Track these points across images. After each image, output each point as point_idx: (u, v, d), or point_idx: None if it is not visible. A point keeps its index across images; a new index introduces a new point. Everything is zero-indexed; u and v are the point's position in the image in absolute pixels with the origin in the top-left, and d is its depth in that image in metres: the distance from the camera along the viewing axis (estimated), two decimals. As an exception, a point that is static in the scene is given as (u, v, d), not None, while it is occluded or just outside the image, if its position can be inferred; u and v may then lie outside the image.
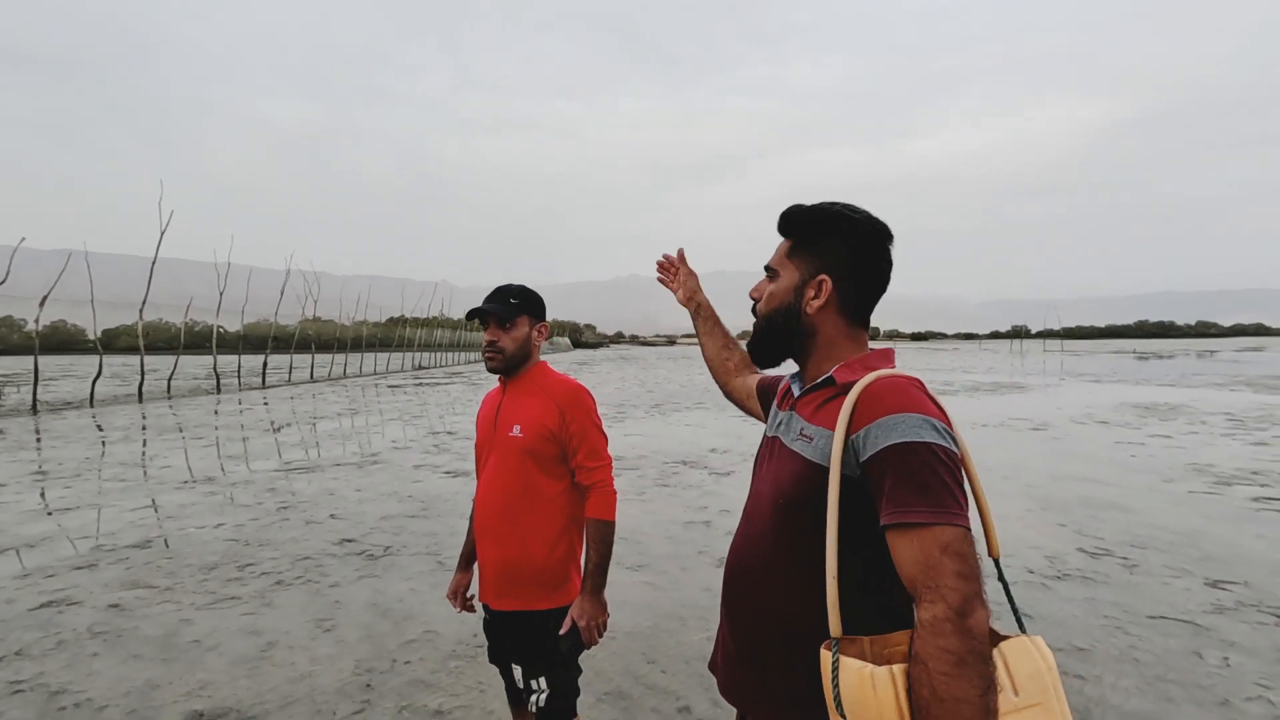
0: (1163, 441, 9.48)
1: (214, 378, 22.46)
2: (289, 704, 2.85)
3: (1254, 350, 53.73)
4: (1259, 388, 18.36)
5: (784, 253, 1.20)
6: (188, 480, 7.55)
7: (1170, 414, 12.65)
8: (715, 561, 4.63)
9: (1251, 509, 5.83)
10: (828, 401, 1.10)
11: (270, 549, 4.99)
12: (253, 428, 12.30)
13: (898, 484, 0.95)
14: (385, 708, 2.83)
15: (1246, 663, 3.13)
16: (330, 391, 21.70)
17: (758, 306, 1.23)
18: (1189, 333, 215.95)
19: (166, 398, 19.06)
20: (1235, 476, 7.13)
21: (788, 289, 1.18)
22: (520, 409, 1.86)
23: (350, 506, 6.27)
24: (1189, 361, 35.58)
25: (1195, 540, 4.98)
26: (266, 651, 3.34)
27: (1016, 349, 64.54)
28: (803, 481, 1.07)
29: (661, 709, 2.82)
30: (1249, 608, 3.75)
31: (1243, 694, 2.86)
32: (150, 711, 2.80)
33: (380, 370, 35.77)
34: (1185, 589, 4.03)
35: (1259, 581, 4.14)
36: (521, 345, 1.89)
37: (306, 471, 8.02)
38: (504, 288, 1.94)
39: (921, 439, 0.96)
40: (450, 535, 5.33)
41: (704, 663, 3.20)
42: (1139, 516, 5.62)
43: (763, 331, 1.22)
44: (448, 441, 10.36)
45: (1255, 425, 10.99)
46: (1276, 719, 2.67)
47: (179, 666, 3.18)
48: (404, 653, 3.34)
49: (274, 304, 28.27)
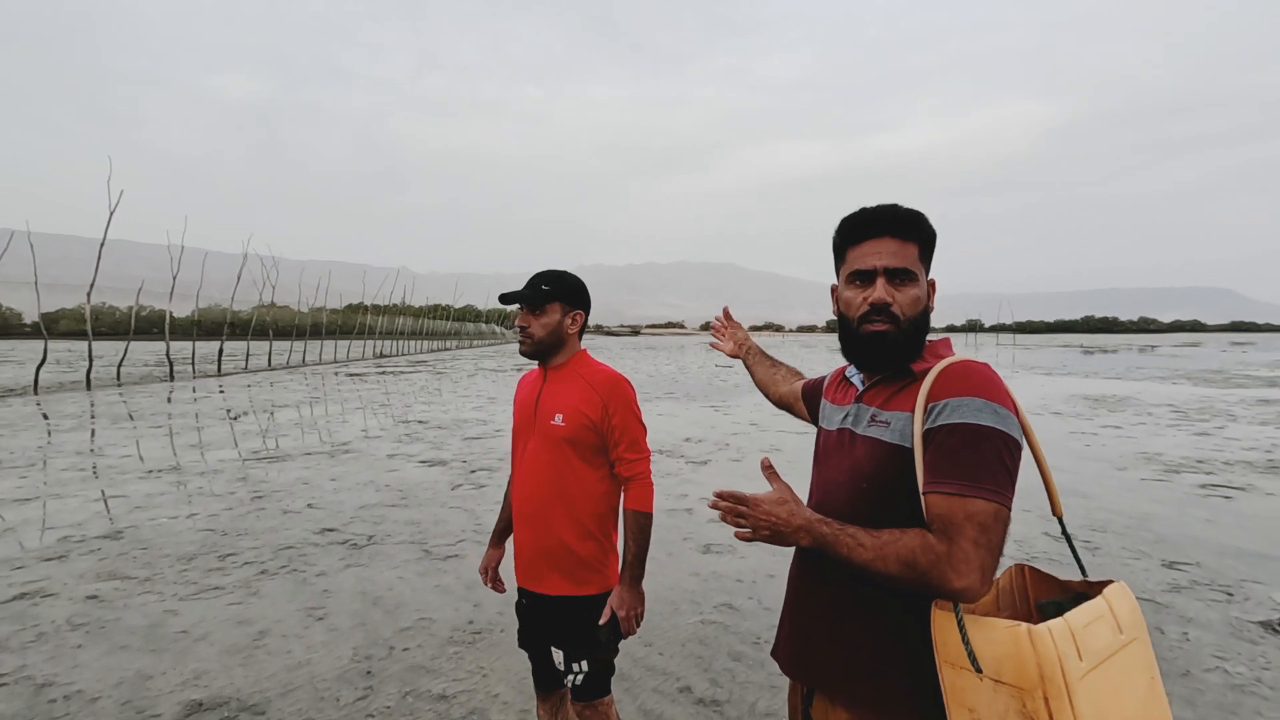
0: (1114, 431, 9.94)
1: (166, 364, 21.68)
2: (290, 691, 2.84)
3: (1191, 345, 56.50)
4: (1198, 381, 19.34)
5: (916, 255, 1.20)
6: (152, 470, 7.32)
7: (1119, 406, 13.25)
8: (700, 548, 4.72)
9: (1198, 495, 6.19)
10: (903, 389, 1.18)
11: (250, 539, 4.90)
12: (211, 416, 11.96)
13: (941, 458, 1.04)
14: (389, 693, 2.84)
15: (1204, 637, 3.36)
16: (289, 379, 21.17)
17: (898, 309, 1.18)
18: (1131, 328, 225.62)
19: (116, 385, 18.34)
20: (1182, 464, 7.54)
21: (925, 293, 1.21)
22: (562, 397, 1.87)
23: (327, 496, 6.18)
24: (1132, 356, 37.23)
25: (1149, 524, 5.27)
26: (259, 640, 3.31)
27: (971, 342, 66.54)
28: (881, 462, 1.14)
29: (663, 689, 2.89)
30: (1203, 586, 4.01)
31: (1202, 665, 3.08)
32: (145, 702, 2.75)
33: (341, 358, 35.01)
34: (1145, 569, 4.28)
35: (1210, 562, 4.42)
36: (552, 331, 1.88)
37: (277, 461, 7.85)
38: (540, 274, 1.93)
39: (979, 422, 1.04)
40: (433, 524, 5.31)
41: (700, 645, 3.28)
42: (1096, 502, 5.92)
43: (905, 338, 1.18)
44: (420, 431, 10.25)
45: (1197, 416, 11.60)
46: (1233, 687, 2.88)
47: (169, 657, 3.13)
48: (401, 640, 3.34)
49: (229, 289, 27.38)
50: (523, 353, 1.91)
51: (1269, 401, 13.88)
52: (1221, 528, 5.18)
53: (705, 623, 3.54)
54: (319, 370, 26.03)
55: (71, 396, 15.39)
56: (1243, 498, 6.09)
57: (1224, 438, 9.39)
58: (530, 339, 1.89)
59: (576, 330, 1.94)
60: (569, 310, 1.92)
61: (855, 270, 1.20)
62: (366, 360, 34.86)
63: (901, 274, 1.18)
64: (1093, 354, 40.54)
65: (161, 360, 26.24)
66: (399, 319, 48.96)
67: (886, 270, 1.17)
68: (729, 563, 4.45)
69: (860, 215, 1.21)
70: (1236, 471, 7.18)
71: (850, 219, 1.23)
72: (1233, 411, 12.29)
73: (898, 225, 1.18)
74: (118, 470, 7.30)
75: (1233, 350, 45.11)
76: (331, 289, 37.65)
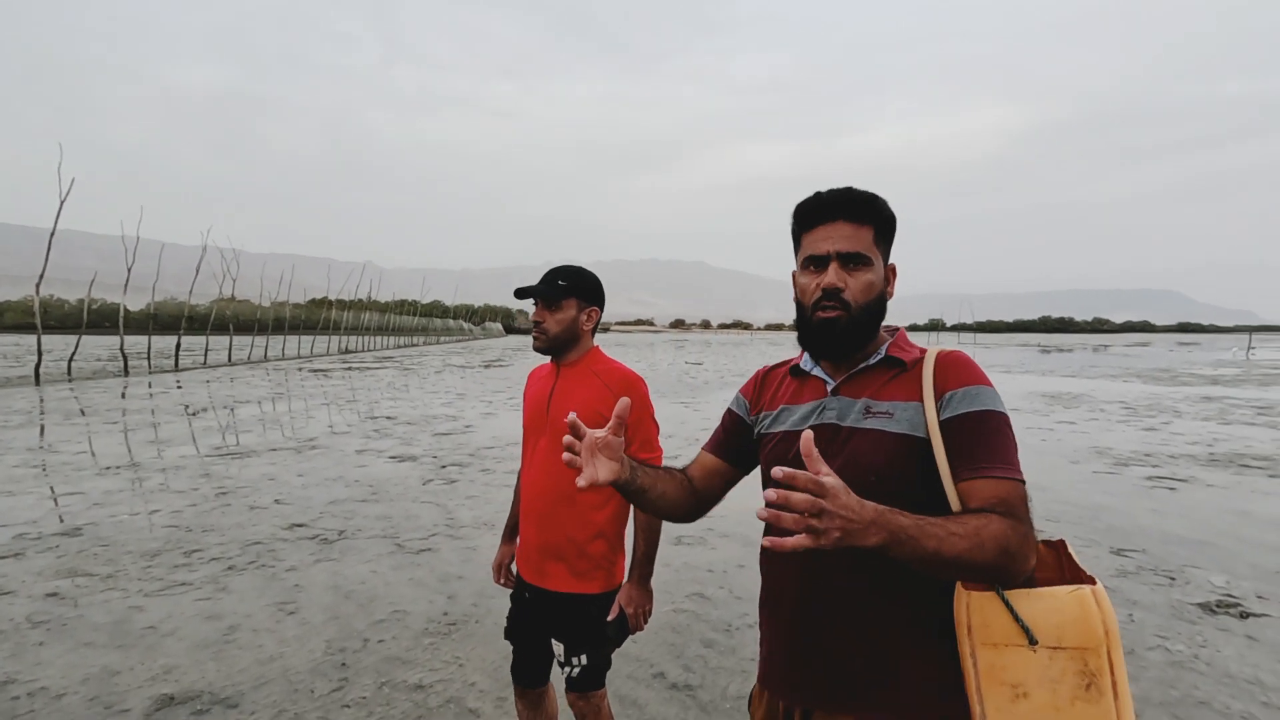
0: (1069, 427, 10.32)
1: (121, 359, 20.99)
2: (263, 684, 2.83)
3: (1141, 345, 58.68)
4: (1147, 379, 20.13)
5: (871, 239, 1.16)
6: (109, 466, 7.13)
7: (1073, 402, 13.73)
8: (671, 539, 4.79)
9: (1145, 486, 6.49)
10: (895, 378, 1.16)
11: (216, 534, 4.82)
12: (169, 412, 11.64)
13: (976, 444, 1.06)
14: (364, 684, 2.84)
15: (1147, 618, 3.55)
16: (251, 375, 20.68)
17: (849, 295, 1.15)
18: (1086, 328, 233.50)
19: (67, 380, 17.70)
20: (1131, 458, 7.87)
21: (881, 278, 1.18)
22: (576, 395, 1.86)
23: (295, 491, 6.10)
24: (1087, 355, 38.52)
25: (1100, 514, 5.51)
26: (230, 635, 3.28)
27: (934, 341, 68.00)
28: (891, 454, 1.10)
29: (637, 675, 2.96)
30: (1148, 571, 4.22)
31: (1145, 645, 3.26)
32: (114, 697, 2.72)
33: (305, 353, 34.28)
34: (1095, 557, 4.48)
35: (1154, 549, 4.65)
36: (567, 328, 1.87)
37: (241, 457, 7.70)
38: (556, 269, 1.92)
39: (998, 409, 1.09)
40: (405, 519, 5.29)
41: (672, 632, 3.35)
42: (1052, 494, 6.16)
43: (855, 324, 1.15)
44: (389, 426, 10.14)
45: (1145, 413, 12.10)
46: (1173, 664, 3.06)
47: (137, 652, 3.09)
48: (375, 632, 3.34)
49: (187, 282, 26.61)
50: (536, 348, 1.91)
51: (1211, 399, 14.53)
52: (1166, 517, 5.44)
53: (677, 611, 3.62)
54: (282, 366, 25.47)
55: (20, 392, 14.82)
56: (1186, 489, 6.40)
57: (1170, 433, 9.82)
58: (545, 335, 1.88)
59: (591, 327, 1.93)
60: (585, 307, 1.91)
61: (809, 255, 1.17)
62: (331, 356, 34.21)
63: (855, 258, 1.15)
64: (1050, 353, 41.83)
65: (115, 355, 25.37)
66: (365, 314, 48.11)
67: (839, 255, 1.14)
68: (699, 554, 4.53)
69: (814, 199, 1.18)
70: (1181, 464, 7.53)
71: (805, 203, 1.19)
72: (1178, 408, 12.84)
73: (852, 208, 1.15)
74: (72, 467, 7.09)
75: (1179, 350, 47.00)
76: (295, 283, 36.74)
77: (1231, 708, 2.72)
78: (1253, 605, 3.71)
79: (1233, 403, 13.76)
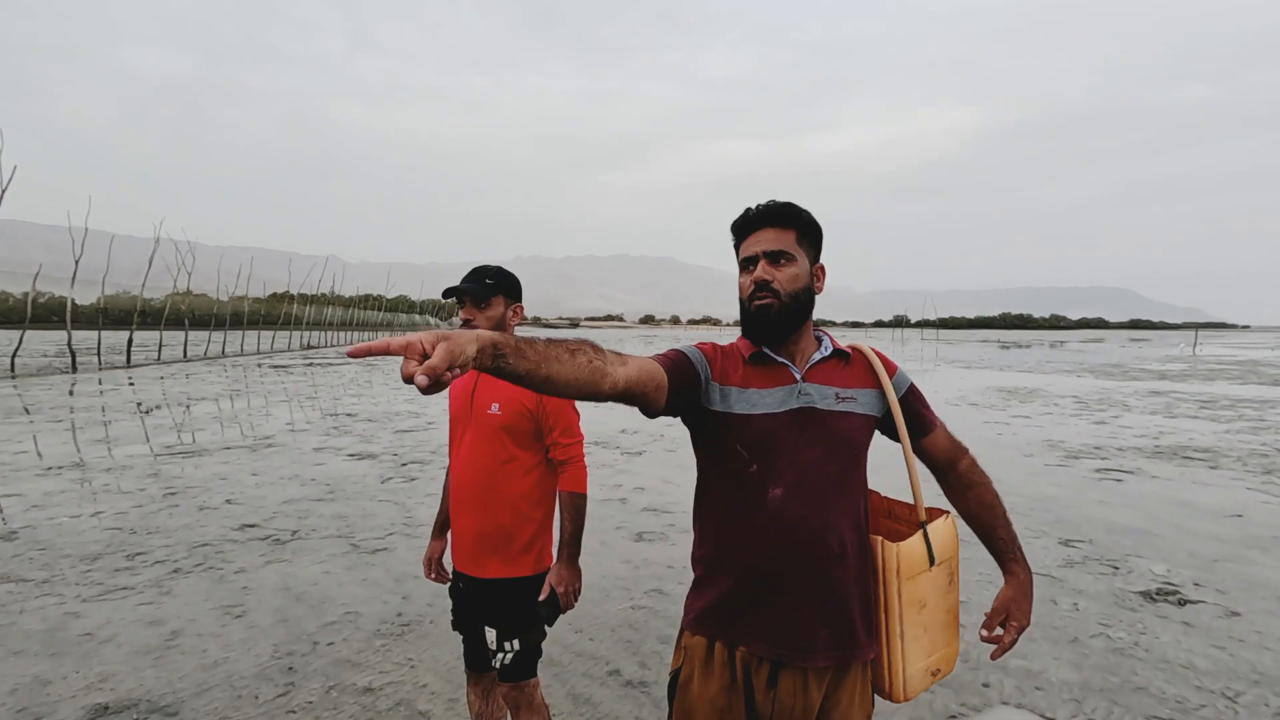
0: (1023, 421, 10.60)
1: (68, 355, 20.19)
2: (204, 691, 2.74)
3: (1095, 341, 60.63)
4: (1099, 374, 20.80)
5: (794, 240, 1.36)
6: (52, 467, 6.85)
7: (1029, 397, 14.11)
8: (632, 536, 4.79)
9: (1094, 479, 6.69)
10: (845, 368, 1.39)
11: (161, 536, 4.66)
12: (119, 409, 11.25)
13: (924, 411, 1.45)
14: (311, 689, 2.78)
15: (1091, 606, 3.66)
16: (207, 371, 20.12)
17: (777, 285, 1.33)
18: (1044, 325, 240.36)
19: (10, 377, 16.98)
20: (1081, 451, 8.12)
21: (806, 272, 1.37)
22: (498, 387, 1.90)
23: (247, 491, 5.94)
24: (1044, 351, 39.64)
25: (1050, 506, 5.67)
26: (172, 640, 3.17)
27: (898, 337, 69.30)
28: (864, 432, 1.38)
29: (592, 673, 2.94)
30: (1093, 561, 4.35)
31: (1088, 632, 3.35)
32: (43, 708, 2.60)
33: (264, 349, 33.45)
34: (1043, 547, 4.61)
35: (1100, 539, 4.79)
36: (496, 325, 1.93)
37: (193, 456, 7.47)
38: (481, 268, 1.98)
39: (914, 382, 1.47)
40: (362, 517, 5.19)
41: (630, 629, 3.35)
42: (1004, 486, 6.22)
43: (787, 310, 1.33)
44: (348, 424, 9.95)
45: (1097, 407, 12.49)
46: (1114, 650, 3.16)
47: (71, 660, 2.97)
48: (325, 634, 3.26)
49: (140, 275, 25.69)
50: None
51: (1159, 393, 15.07)
52: (1112, 508, 5.62)
53: (635, 608, 3.61)
54: (240, 362, 24.81)
55: (-43, 389, 14.17)
56: (1132, 480, 6.62)
57: (1118, 426, 10.15)
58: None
59: (517, 323, 2.00)
60: (511, 303, 1.98)
61: (744, 259, 1.38)
62: (292, 352, 33.43)
63: (780, 255, 1.34)
64: (1009, 348, 42.94)
65: (63, 350, 24.44)
66: (327, 309, 47.13)
67: (766, 254, 1.34)
68: (660, 550, 4.53)
69: (744, 215, 1.39)
70: (1128, 457, 7.79)
71: (737, 220, 1.40)
72: (1128, 402, 13.29)
73: (774, 217, 1.36)
74: (11, 468, 6.79)
75: (1131, 346, 48.67)
76: (254, 277, 35.75)
77: (1167, 692, 2.81)
78: (1190, 593, 3.85)
79: (1178, 397, 14.29)
